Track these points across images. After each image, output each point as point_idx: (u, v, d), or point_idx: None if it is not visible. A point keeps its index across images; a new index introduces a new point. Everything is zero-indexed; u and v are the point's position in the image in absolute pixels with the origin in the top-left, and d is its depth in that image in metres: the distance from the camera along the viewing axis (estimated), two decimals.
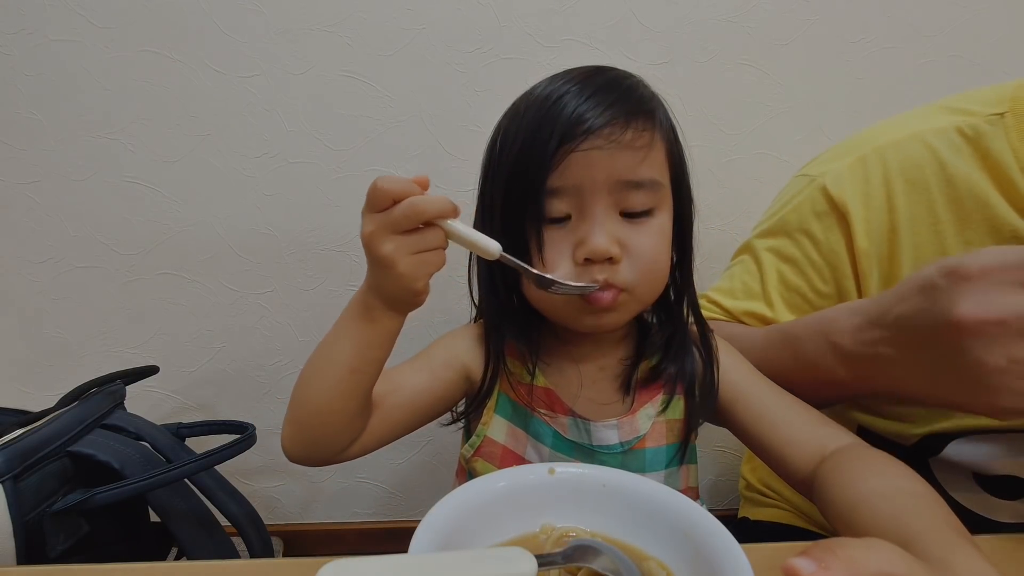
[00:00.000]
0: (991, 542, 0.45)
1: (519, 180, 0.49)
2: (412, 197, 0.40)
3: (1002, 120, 0.52)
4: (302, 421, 0.50)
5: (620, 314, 0.51)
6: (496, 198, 0.51)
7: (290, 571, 0.41)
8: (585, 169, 0.46)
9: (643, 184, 0.48)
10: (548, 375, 0.55)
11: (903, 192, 0.56)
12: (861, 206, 0.57)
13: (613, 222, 0.48)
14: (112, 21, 0.88)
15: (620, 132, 0.46)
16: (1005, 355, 0.40)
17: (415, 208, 0.40)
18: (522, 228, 0.49)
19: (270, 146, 0.95)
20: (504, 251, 0.43)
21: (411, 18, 0.91)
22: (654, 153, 0.48)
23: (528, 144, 0.48)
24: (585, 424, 0.53)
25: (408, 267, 0.42)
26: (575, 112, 0.46)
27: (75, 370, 1.01)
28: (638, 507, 0.40)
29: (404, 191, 0.40)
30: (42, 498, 0.62)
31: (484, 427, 0.56)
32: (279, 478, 1.13)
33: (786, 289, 0.64)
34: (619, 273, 0.48)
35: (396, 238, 0.41)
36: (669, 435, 0.55)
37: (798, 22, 0.95)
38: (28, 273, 0.97)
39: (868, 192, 0.57)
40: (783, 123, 1.00)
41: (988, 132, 0.53)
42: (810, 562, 0.28)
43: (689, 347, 0.56)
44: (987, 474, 0.57)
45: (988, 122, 0.53)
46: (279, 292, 1.02)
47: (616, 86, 0.49)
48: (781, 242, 0.64)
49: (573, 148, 0.46)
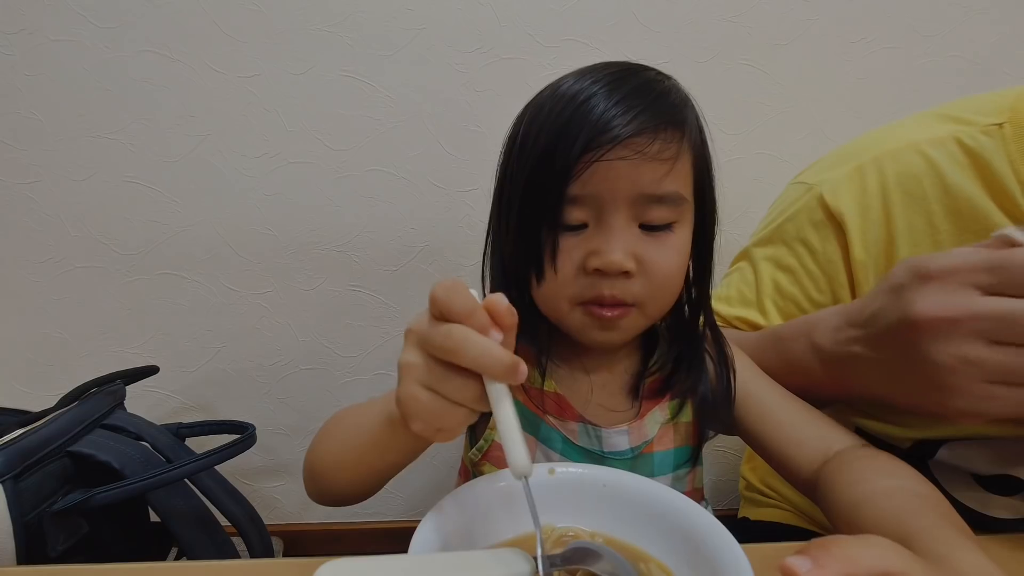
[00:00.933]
0: (991, 542, 0.45)
1: (538, 185, 0.47)
2: (465, 329, 0.32)
3: (1000, 131, 0.52)
4: (318, 485, 0.49)
5: (627, 330, 0.50)
6: (514, 199, 0.49)
7: (290, 571, 0.41)
8: (607, 180, 0.44)
9: (666, 198, 0.46)
10: (558, 380, 0.55)
11: (900, 203, 0.56)
12: (858, 217, 0.57)
13: (631, 235, 0.46)
14: (112, 21, 0.88)
15: (647, 143, 0.44)
16: (957, 355, 0.39)
17: (455, 341, 0.32)
18: (538, 232, 0.47)
19: (270, 146, 0.95)
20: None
21: (411, 18, 0.91)
22: (680, 165, 0.46)
23: (550, 148, 0.46)
24: (596, 430, 0.53)
25: (413, 401, 0.33)
26: (601, 118, 0.44)
27: (75, 370, 1.01)
28: (638, 507, 0.41)
29: (463, 310, 0.32)
30: (42, 498, 0.62)
31: (492, 432, 0.55)
32: (279, 478, 1.13)
33: (781, 298, 0.64)
34: (631, 288, 0.47)
35: (422, 356, 0.33)
36: (677, 438, 0.55)
37: (798, 22, 0.95)
38: (28, 273, 0.97)
39: (865, 203, 0.57)
40: (783, 123, 1.00)
41: (986, 144, 0.52)
42: (806, 560, 0.27)
43: (702, 360, 0.55)
44: (982, 474, 0.57)
45: (986, 132, 0.52)
46: (279, 292, 1.02)
47: (647, 91, 0.46)
48: (779, 251, 0.64)
49: (597, 157, 0.44)
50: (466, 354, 0.31)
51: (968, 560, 0.33)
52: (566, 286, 0.48)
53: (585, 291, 0.47)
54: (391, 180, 0.97)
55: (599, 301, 0.47)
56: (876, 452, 0.47)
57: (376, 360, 1.06)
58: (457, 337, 0.31)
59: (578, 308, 0.49)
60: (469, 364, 0.32)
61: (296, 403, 1.08)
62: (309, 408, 1.08)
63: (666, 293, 0.49)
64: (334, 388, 1.07)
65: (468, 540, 0.37)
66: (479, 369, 0.32)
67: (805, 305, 0.62)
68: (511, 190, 0.50)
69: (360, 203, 0.98)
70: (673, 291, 0.50)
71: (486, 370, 0.32)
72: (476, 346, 0.31)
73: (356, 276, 1.02)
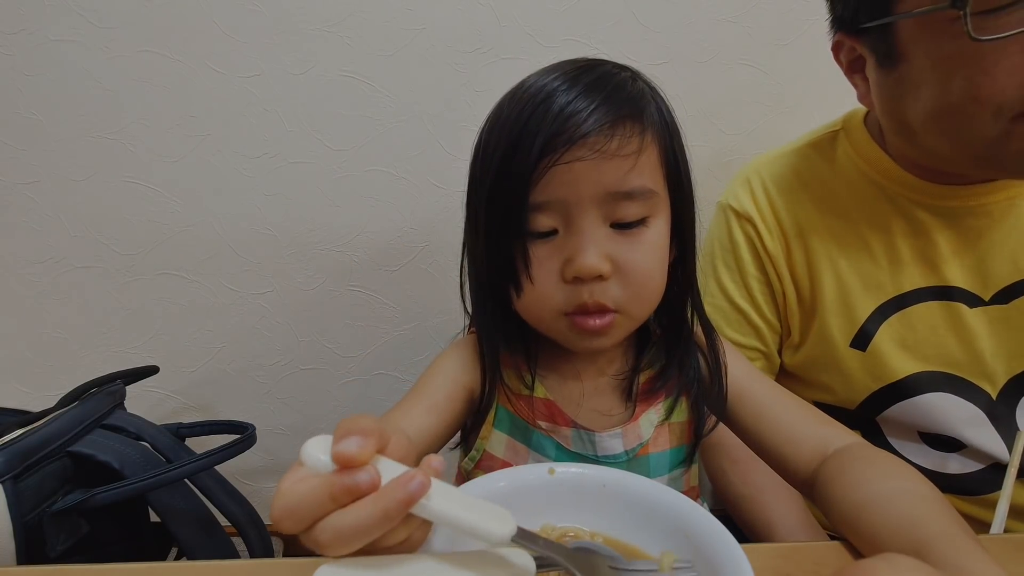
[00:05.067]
0: (992, 542, 0.45)
1: (501, 194, 0.45)
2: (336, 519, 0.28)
3: (842, 132, 0.71)
4: None
5: (612, 336, 0.49)
6: (480, 211, 0.48)
7: (290, 571, 0.41)
8: (569, 183, 0.43)
9: (634, 194, 0.44)
10: (547, 386, 0.54)
11: (779, 196, 0.71)
12: (756, 212, 0.72)
13: (603, 236, 0.45)
14: (112, 21, 0.88)
15: (606, 140, 0.43)
16: None
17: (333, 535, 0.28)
18: (507, 243, 0.46)
19: (270, 146, 0.95)
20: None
21: (411, 18, 0.91)
22: (644, 158, 0.45)
23: (508, 155, 0.44)
24: (589, 435, 0.52)
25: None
26: (557, 119, 0.42)
27: (75, 370, 1.01)
28: (638, 507, 0.40)
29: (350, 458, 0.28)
30: (42, 498, 0.62)
31: (483, 441, 0.54)
32: (279, 478, 1.13)
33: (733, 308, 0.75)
34: (609, 291, 0.45)
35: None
36: (672, 439, 0.54)
37: (798, 22, 0.95)
38: (28, 273, 0.97)
39: (756, 200, 0.73)
40: (783, 123, 1.00)
41: (833, 141, 0.71)
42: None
43: (693, 352, 0.54)
44: (929, 431, 0.67)
45: (831, 136, 0.71)
46: (279, 292, 1.02)
47: (603, 85, 0.44)
48: (720, 262, 0.76)
49: (554, 161, 0.42)
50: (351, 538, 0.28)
51: (983, 570, 0.33)
52: (547, 298, 0.47)
53: (568, 301, 0.46)
54: (391, 180, 0.97)
55: (583, 310, 0.46)
56: (876, 452, 0.46)
57: (376, 360, 1.06)
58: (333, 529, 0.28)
59: (562, 319, 0.47)
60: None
61: (296, 403, 1.08)
62: (309, 408, 1.08)
63: (647, 293, 0.48)
64: (334, 388, 1.07)
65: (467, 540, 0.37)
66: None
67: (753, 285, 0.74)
68: (477, 200, 0.49)
69: (360, 203, 0.98)
70: (654, 290, 0.48)
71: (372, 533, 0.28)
72: (352, 529, 0.28)
73: (356, 276, 1.02)
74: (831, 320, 0.68)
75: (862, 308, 0.67)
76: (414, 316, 1.04)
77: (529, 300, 0.48)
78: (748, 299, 0.73)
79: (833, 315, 0.68)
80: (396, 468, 0.30)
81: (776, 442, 0.51)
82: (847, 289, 0.68)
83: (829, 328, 0.69)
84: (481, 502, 0.31)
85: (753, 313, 0.73)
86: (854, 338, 0.68)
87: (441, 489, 0.30)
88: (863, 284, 0.67)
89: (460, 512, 0.30)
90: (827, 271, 0.68)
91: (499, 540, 0.30)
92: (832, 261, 0.68)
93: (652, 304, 0.50)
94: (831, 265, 0.68)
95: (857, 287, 0.67)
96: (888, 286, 0.66)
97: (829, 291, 0.68)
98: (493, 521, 0.30)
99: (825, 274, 0.69)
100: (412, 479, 0.28)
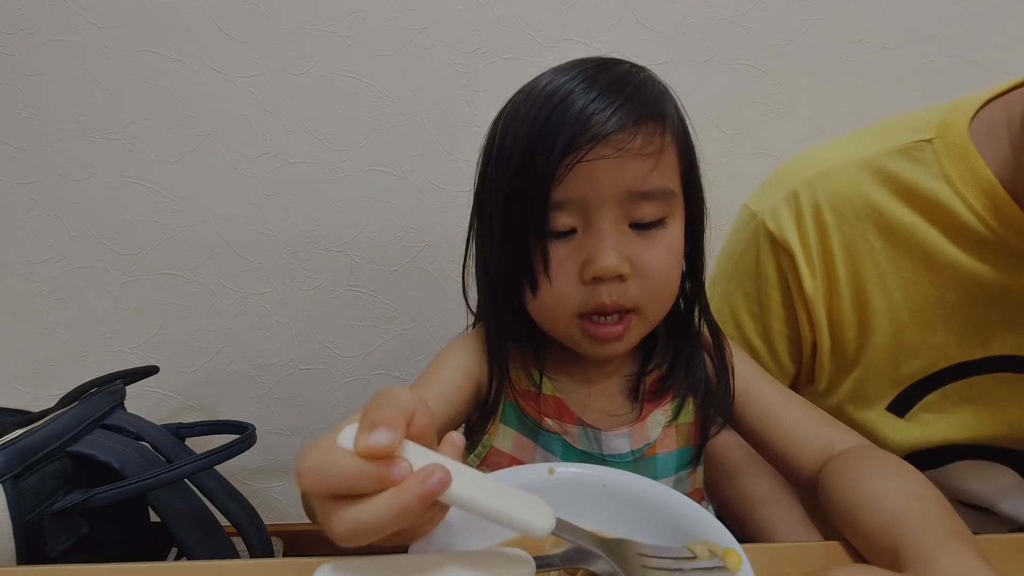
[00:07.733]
0: (992, 542, 0.45)
1: (520, 192, 0.45)
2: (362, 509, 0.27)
3: (931, 146, 0.52)
4: None
5: (626, 342, 0.48)
6: (495, 209, 0.47)
7: (290, 571, 0.41)
8: (591, 181, 0.43)
9: (654, 194, 0.44)
10: (555, 383, 0.54)
11: (834, 223, 0.56)
12: (799, 243, 0.58)
13: (622, 236, 0.45)
14: (112, 21, 0.88)
15: (629, 139, 0.42)
16: None
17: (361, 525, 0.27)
18: (525, 242, 0.46)
19: (270, 146, 0.95)
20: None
21: (411, 18, 0.91)
22: (665, 158, 0.44)
23: (529, 153, 0.44)
24: (595, 433, 0.52)
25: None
26: (579, 117, 0.42)
27: (75, 370, 1.01)
28: (638, 507, 0.40)
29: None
30: (42, 498, 0.62)
31: (490, 437, 0.54)
32: (279, 478, 1.13)
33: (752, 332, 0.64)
34: (628, 292, 0.45)
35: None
36: (679, 440, 0.54)
37: (798, 22, 0.95)
38: (28, 273, 0.97)
39: (803, 226, 0.58)
40: (783, 123, 1.00)
41: (908, 164, 0.53)
42: None
43: (700, 355, 0.54)
44: (957, 500, 0.57)
45: (916, 148, 0.53)
46: (279, 292, 1.02)
47: (624, 85, 0.44)
48: (738, 287, 0.65)
49: (579, 159, 0.42)
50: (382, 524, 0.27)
51: (946, 562, 0.33)
52: (566, 298, 0.46)
53: (586, 302, 0.46)
54: (391, 180, 0.97)
55: (601, 310, 0.46)
56: (881, 452, 0.46)
57: (376, 360, 1.06)
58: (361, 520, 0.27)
59: (576, 323, 0.47)
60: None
61: (296, 403, 1.08)
62: (309, 408, 1.08)
63: (664, 294, 0.48)
64: (334, 388, 1.07)
65: (467, 540, 0.37)
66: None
67: (773, 323, 0.62)
68: (491, 199, 0.48)
69: (360, 203, 0.98)
70: (671, 292, 0.48)
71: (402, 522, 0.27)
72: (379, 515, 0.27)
73: (356, 276, 1.02)
74: (871, 378, 0.58)
75: (911, 370, 0.56)
76: (414, 316, 1.04)
77: (546, 300, 0.47)
78: (763, 338, 0.63)
79: (875, 374, 0.57)
80: (422, 456, 0.29)
81: (781, 442, 0.51)
82: (902, 346, 0.56)
83: (866, 387, 0.58)
84: (514, 490, 0.30)
85: (765, 353, 0.63)
86: (893, 402, 0.57)
87: (468, 476, 0.28)
88: (922, 344, 0.55)
89: (494, 502, 0.28)
90: (884, 325, 0.56)
91: (540, 533, 0.28)
92: (893, 314, 0.55)
93: (668, 305, 0.49)
94: (891, 319, 0.55)
95: (913, 345, 0.55)
96: (953, 349, 0.54)
97: (880, 349, 0.56)
98: (531, 512, 0.28)
99: (880, 330, 0.56)
100: (431, 475, 0.27)
